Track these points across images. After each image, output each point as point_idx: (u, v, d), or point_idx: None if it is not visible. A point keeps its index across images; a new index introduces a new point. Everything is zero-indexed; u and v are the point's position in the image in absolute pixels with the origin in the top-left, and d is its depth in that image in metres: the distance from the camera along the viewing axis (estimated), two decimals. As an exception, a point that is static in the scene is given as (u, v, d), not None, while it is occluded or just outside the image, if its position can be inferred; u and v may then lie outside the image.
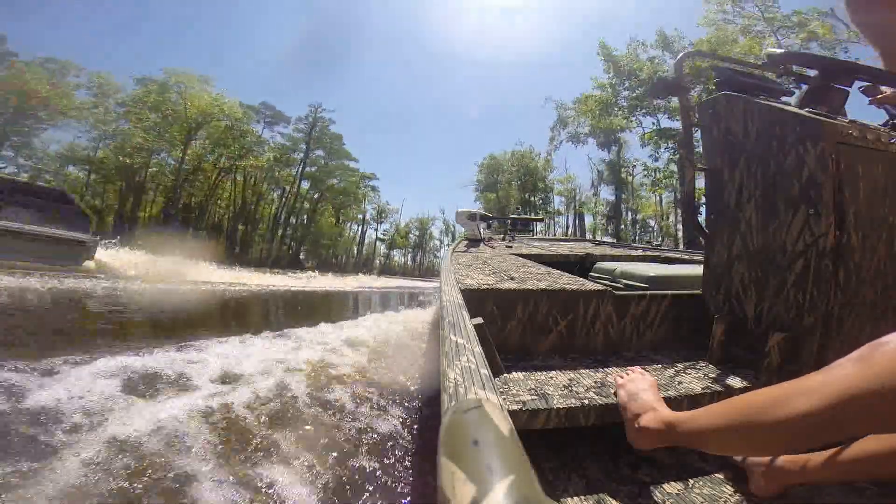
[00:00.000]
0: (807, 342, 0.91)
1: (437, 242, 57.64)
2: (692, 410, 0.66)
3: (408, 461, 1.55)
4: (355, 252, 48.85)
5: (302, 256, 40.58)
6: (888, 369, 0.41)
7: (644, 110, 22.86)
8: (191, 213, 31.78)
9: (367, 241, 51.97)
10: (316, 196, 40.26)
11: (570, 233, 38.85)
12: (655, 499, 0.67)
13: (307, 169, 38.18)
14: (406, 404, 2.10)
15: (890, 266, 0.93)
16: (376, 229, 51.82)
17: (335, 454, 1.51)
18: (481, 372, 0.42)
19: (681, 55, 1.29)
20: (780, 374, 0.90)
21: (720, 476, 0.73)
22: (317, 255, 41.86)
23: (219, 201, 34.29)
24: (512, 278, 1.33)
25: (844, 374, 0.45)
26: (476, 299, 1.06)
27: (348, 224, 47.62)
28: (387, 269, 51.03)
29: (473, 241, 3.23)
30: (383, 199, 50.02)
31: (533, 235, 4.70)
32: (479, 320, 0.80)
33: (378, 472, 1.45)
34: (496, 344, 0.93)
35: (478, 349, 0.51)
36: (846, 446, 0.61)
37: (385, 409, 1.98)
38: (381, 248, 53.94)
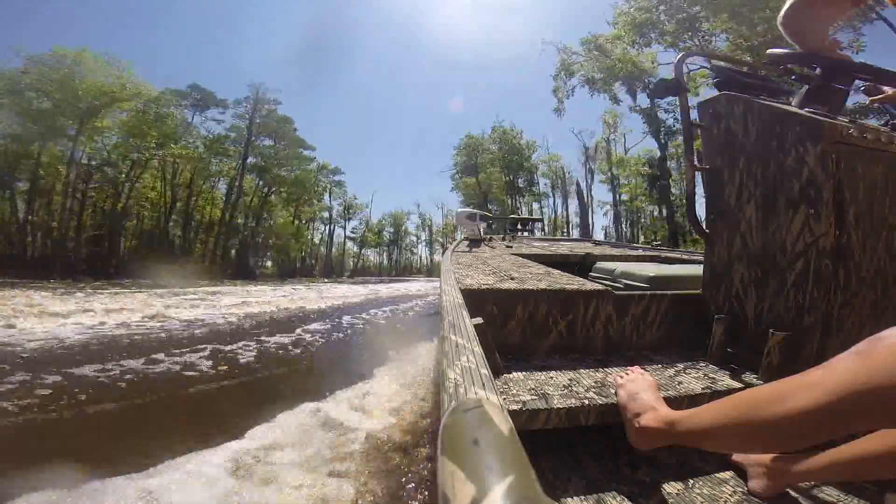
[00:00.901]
0: (807, 342, 0.91)
1: (414, 238, 53.86)
2: (692, 409, 0.66)
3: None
4: (324, 253, 44.01)
5: (268, 263, 35.56)
6: (887, 364, 0.41)
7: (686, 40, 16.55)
8: (113, 220, 24.94)
9: (340, 241, 46.87)
10: (265, 190, 33.55)
11: (560, 214, 36.22)
12: (655, 499, 0.67)
13: (251, 160, 31.76)
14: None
15: (890, 266, 0.93)
16: (344, 227, 46.83)
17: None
18: (481, 372, 0.42)
19: (680, 55, 1.29)
20: (781, 373, 0.90)
21: (720, 476, 0.73)
22: (272, 259, 36.21)
23: (143, 203, 27.47)
24: (512, 278, 1.33)
25: (844, 368, 0.45)
26: (476, 299, 1.06)
27: (313, 224, 42.17)
28: (361, 271, 46.78)
29: (473, 241, 3.23)
30: (350, 194, 45.48)
31: (533, 235, 4.70)
32: (479, 320, 0.80)
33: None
34: (496, 344, 0.93)
35: (478, 349, 0.52)
36: (846, 446, 0.61)
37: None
38: (352, 248, 49.47)
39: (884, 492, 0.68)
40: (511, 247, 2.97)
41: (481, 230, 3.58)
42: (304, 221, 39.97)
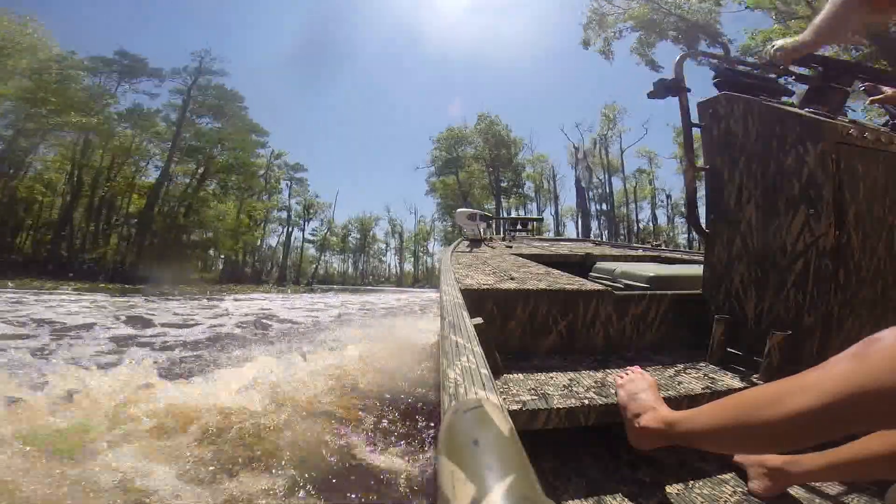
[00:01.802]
0: (807, 342, 0.91)
1: (382, 245, 48.29)
2: (691, 409, 0.66)
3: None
4: (280, 258, 38.12)
5: (219, 266, 30.09)
6: (883, 366, 0.41)
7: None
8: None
9: (303, 247, 40.38)
10: (199, 173, 26.34)
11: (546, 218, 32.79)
12: (655, 499, 0.67)
13: (186, 140, 25.08)
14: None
15: (890, 266, 0.93)
16: (303, 229, 40.27)
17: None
18: (481, 372, 0.42)
19: (680, 55, 1.29)
20: (781, 373, 0.90)
21: (720, 476, 0.73)
22: (202, 261, 28.82)
23: (43, 188, 21.91)
24: (512, 278, 1.33)
25: (839, 370, 0.45)
26: (476, 299, 1.06)
27: (266, 224, 35.97)
28: (325, 279, 40.78)
29: (473, 241, 3.23)
30: (312, 193, 39.28)
31: (532, 235, 4.68)
32: (479, 320, 0.80)
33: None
34: (496, 344, 0.92)
35: (478, 349, 0.51)
36: (846, 447, 0.61)
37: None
38: (312, 252, 42.55)
39: (884, 492, 0.68)
40: (511, 247, 2.97)
41: (481, 230, 3.57)
42: (259, 222, 34.00)
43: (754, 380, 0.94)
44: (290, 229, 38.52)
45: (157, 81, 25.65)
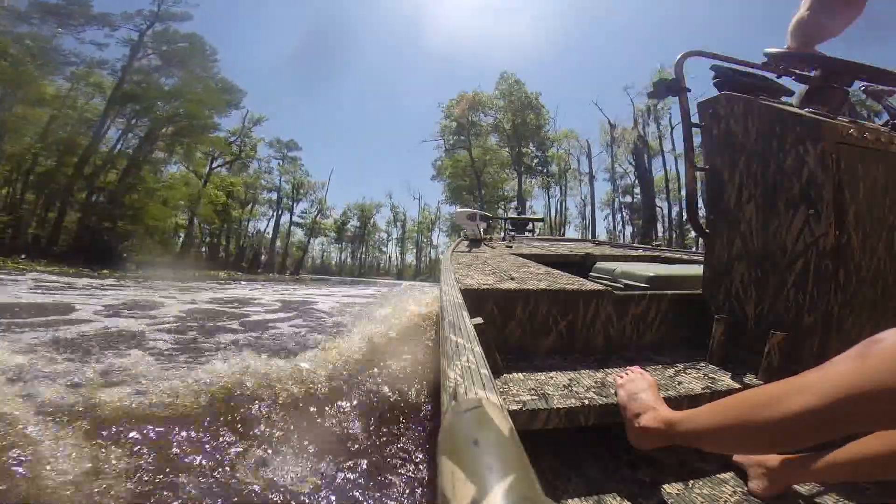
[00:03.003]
0: (807, 342, 0.91)
1: (384, 235, 44.25)
2: (691, 409, 0.66)
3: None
4: (273, 246, 34.51)
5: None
6: (884, 366, 0.41)
7: None
8: None
9: (298, 236, 36.27)
10: (141, 132, 21.29)
11: (575, 206, 26.64)
12: (655, 499, 0.67)
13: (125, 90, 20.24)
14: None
15: (890, 266, 0.93)
16: (291, 209, 35.81)
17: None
18: (481, 372, 0.42)
19: (680, 55, 1.29)
20: (781, 374, 0.90)
21: (720, 476, 0.73)
22: (146, 248, 21.25)
23: None
24: (512, 278, 1.33)
25: (840, 371, 0.45)
26: (476, 299, 1.06)
27: (254, 205, 32.15)
28: (321, 270, 37.26)
29: (473, 241, 3.23)
30: (303, 171, 35.13)
31: (534, 235, 4.66)
32: (479, 320, 0.80)
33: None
34: (496, 344, 0.93)
35: (478, 349, 0.52)
36: (846, 447, 0.61)
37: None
38: (300, 237, 37.86)
39: (884, 493, 0.68)
40: (511, 247, 2.97)
41: (481, 230, 3.57)
42: (247, 202, 29.64)
43: (754, 380, 0.94)
44: (280, 213, 34.74)
45: (107, 30, 20.90)
